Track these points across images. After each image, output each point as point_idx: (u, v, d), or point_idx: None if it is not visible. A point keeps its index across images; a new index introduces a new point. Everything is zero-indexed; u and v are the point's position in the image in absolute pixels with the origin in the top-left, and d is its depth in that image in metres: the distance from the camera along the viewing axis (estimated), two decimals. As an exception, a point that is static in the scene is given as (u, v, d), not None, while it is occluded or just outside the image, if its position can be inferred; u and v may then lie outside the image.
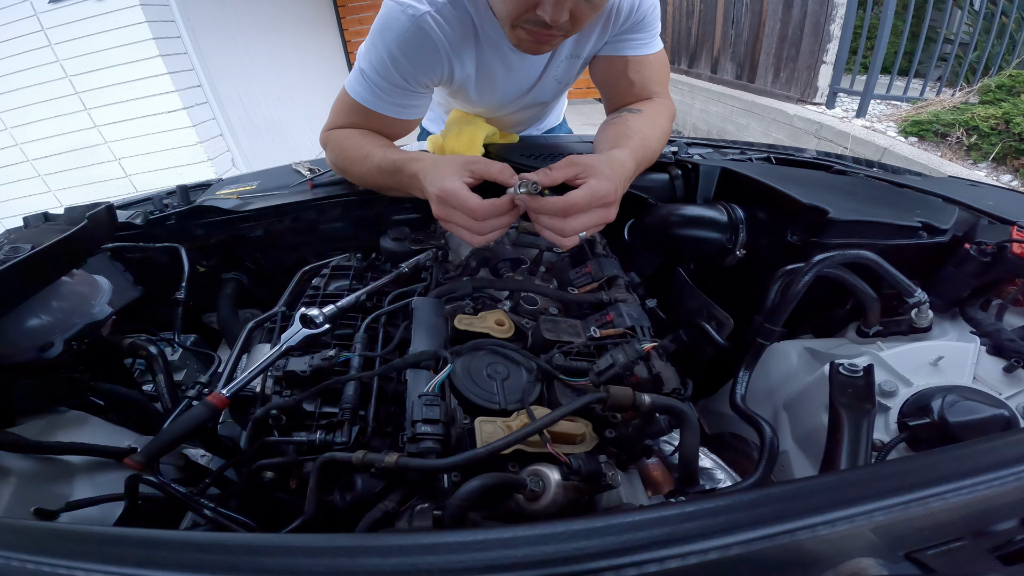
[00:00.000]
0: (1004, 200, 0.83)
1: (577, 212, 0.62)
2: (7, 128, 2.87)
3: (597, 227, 0.64)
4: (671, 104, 0.94)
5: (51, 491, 0.56)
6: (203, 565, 0.27)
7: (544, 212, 0.62)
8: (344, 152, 0.85)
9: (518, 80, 0.93)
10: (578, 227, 0.62)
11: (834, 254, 0.67)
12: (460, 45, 0.81)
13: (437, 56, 0.79)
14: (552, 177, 0.63)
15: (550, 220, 0.63)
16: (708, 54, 5.19)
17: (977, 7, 3.77)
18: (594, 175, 0.63)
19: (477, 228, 0.63)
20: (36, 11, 2.61)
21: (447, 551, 0.27)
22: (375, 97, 0.82)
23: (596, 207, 0.62)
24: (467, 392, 0.53)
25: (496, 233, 0.64)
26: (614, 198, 0.64)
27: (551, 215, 0.62)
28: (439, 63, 0.81)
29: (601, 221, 0.64)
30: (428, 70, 0.81)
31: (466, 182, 0.64)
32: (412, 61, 0.78)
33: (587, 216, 0.62)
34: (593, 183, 0.62)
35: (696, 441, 0.52)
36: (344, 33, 6.45)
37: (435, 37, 0.77)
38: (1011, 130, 2.70)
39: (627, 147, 0.74)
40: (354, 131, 0.86)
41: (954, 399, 0.57)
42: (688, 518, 0.28)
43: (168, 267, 0.91)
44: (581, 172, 0.63)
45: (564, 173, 0.63)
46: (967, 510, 0.30)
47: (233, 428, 0.72)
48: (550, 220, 0.63)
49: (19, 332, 0.65)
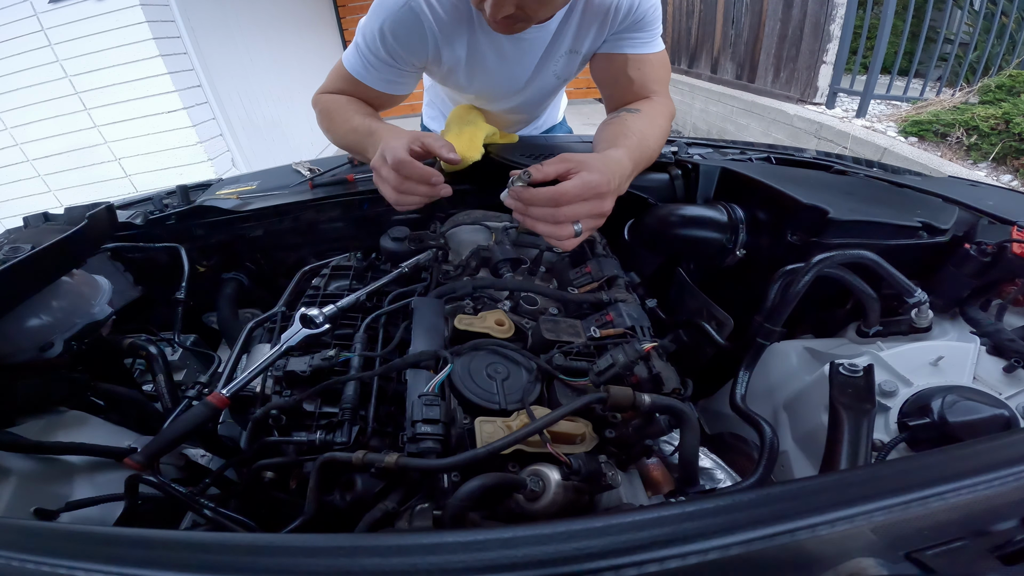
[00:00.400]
0: (1004, 200, 0.83)
1: (568, 202, 0.61)
2: (7, 128, 2.87)
3: (592, 218, 0.63)
4: (671, 104, 0.94)
5: (51, 491, 0.56)
6: (203, 565, 0.27)
7: (536, 203, 0.62)
8: (330, 113, 0.93)
9: (512, 70, 0.94)
10: (570, 215, 0.61)
11: (834, 254, 0.67)
12: (452, 29, 0.84)
13: (424, 39, 0.84)
14: (544, 172, 0.63)
15: (542, 211, 0.62)
16: (708, 54, 5.19)
17: (977, 7, 3.76)
18: (586, 168, 0.62)
19: (397, 185, 0.69)
20: (36, 11, 2.61)
21: (447, 551, 0.27)
22: (364, 69, 0.89)
23: (589, 197, 0.62)
24: (467, 392, 0.53)
25: (412, 199, 0.71)
26: (607, 189, 0.63)
27: (542, 205, 0.61)
28: (424, 46, 0.85)
29: (595, 212, 0.63)
30: (414, 52, 0.86)
31: (413, 149, 0.70)
32: (400, 41, 0.83)
33: (579, 206, 0.62)
34: (584, 175, 0.62)
35: (696, 441, 0.51)
36: (344, 33, 6.46)
37: (424, 20, 0.81)
38: (1011, 130, 2.70)
39: (624, 146, 0.74)
40: (343, 97, 0.94)
41: (954, 399, 0.57)
42: (688, 518, 0.28)
43: (168, 267, 0.91)
44: (573, 167, 0.63)
45: (556, 168, 0.63)
46: (967, 510, 0.30)
47: (233, 428, 0.72)
48: (542, 211, 0.62)
49: (19, 332, 0.64)
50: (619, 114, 0.88)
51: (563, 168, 0.63)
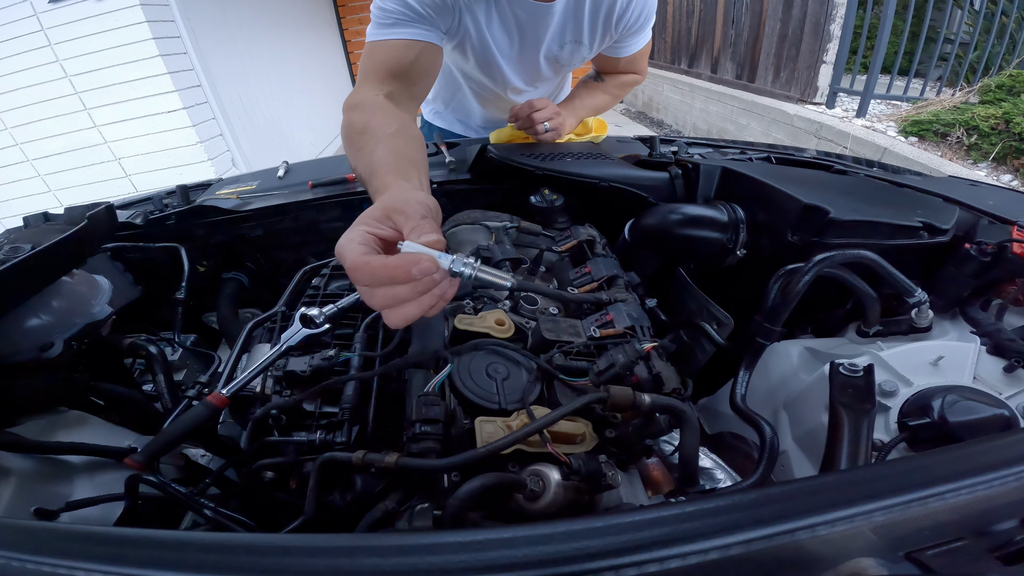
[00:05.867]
0: (1004, 200, 0.83)
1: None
2: (7, 128, 2.86)
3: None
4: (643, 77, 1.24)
5: (51, 491, 0.56)
6: (203, 565, 0.27)
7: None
8: (349, 140, 0.73)
9: (522, 46, 1.02)
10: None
11: (834, 254, 0.67)
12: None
13: (449, 6, 0.87)
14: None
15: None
16: (708, 54, 5.19)
17: (977, 7, 3.77)
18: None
19: (370, 297, 0.43)
20: (36, 11, 2.61)
21: (447, 551, 0.27)
22: (392, 28, 0.84)
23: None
24: (467, 392, 0.53)
25: (407, 311, 0.42)
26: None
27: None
28: (450, 10, 0.88)
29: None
30: (441, 11, 0.87)
31: (376, 235, 0.45)
32: (426, 6, 0.84)
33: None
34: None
35: (696, 441, 0.51)
36: (344, 33, 6.45)
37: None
38: (1011, 130, 2.70)
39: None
40: (365, 117, 0.73)
41: (954, 399, 0.57)
42: (688, 518, 0.28)
43: (168, 267, 0.91)
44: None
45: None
46: (967, 510, 0.30)
47: (233, 428, 0.72)
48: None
49: (19, 332, 0.64)
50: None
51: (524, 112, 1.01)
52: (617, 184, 0.92)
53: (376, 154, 0.63)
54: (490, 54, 0.99)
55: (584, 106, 1.15)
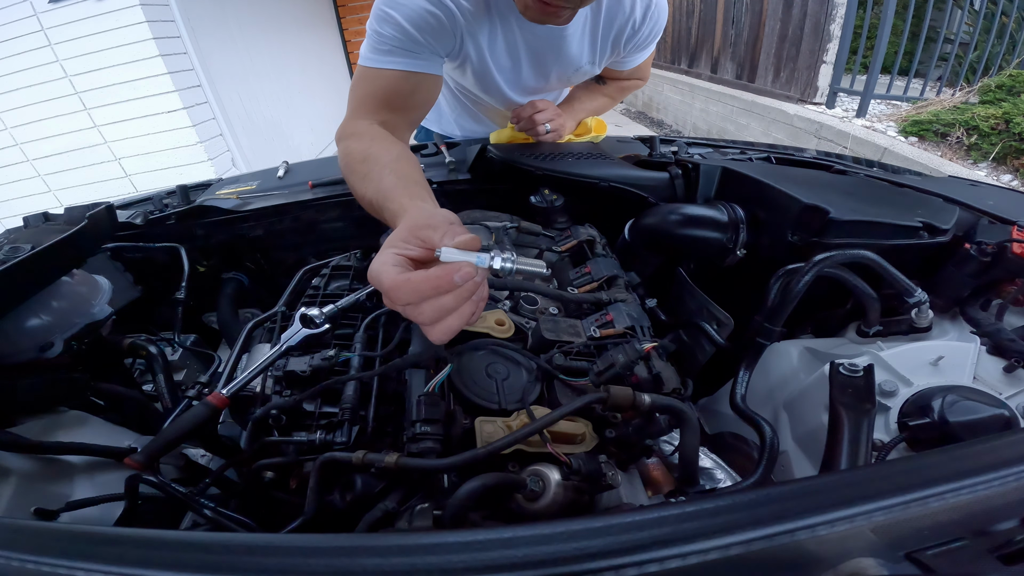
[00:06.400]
0: (1004, 200, 0.83)
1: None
2: (7, 128, 2.86)
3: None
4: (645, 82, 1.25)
5: (51, 491, 0.56)
6: (203, 565, 0.27)
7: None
8: (349, 168, 0.73)
9: (528, 68, 1.00)
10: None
11: (834, 254, 0.67)
12: (476, 20, 0.85)
13: (449, 30, 0.82)
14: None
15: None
16: (708, 54, 5.19)
17: (977, 7, 3.77)
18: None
19: (416, 315, 0.44)
20: (36, 11, 2.60)
21: (447, 551, 0.27)
22: (387, 56, 0.79)
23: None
24: (467, 392, 0.53)
25: (453, 323, 0.44)
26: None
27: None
28: (451, 36, 0.84)
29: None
30: (440, 39, 0.82)
31: (407, 256, 0.45)
32: (424, 30, 0.79)
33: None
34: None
35: (696, 441, 0.51)
36: (344, 33, 6.45)
37: (452, 6, 0.80)
38: (1011, 130, 2.70)
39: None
40: (363, 147, 0.73)
41: (954, 399, 0.57)
42: (688, 518, 0.28)
43: (168, 267, 0.91)
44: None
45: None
46: (967, 510, 0.30)
47: (233, 428, 0.72)
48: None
49: (19, 332, 0.65)
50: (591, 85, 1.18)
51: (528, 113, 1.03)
52: (617, 184, 0.92)
53: (385, 180, 0.64)
54: (490, 76, 0.97)
55: (584, 108, 1.16)
